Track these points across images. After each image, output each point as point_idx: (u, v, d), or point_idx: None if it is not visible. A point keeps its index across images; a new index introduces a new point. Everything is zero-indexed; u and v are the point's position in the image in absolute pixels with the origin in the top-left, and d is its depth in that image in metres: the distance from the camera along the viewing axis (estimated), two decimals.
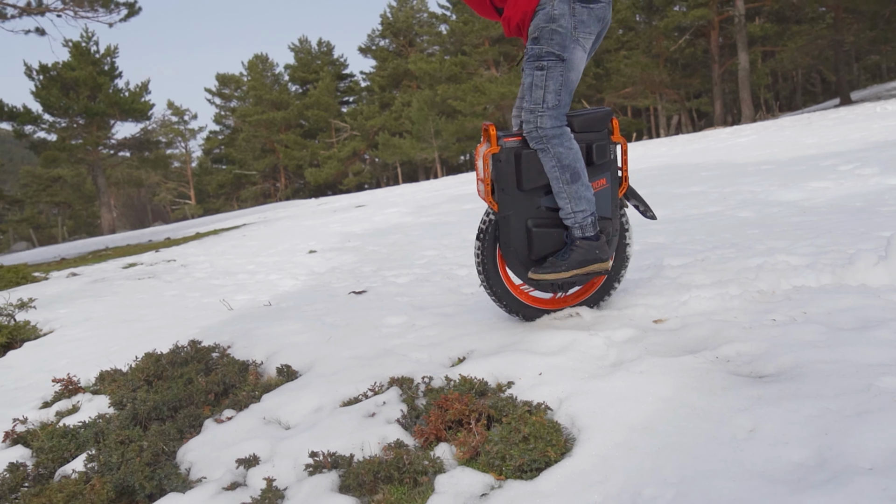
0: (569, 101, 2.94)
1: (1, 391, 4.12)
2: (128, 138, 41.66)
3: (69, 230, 54.50)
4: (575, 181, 2.92)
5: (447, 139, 43.69)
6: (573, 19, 2.84)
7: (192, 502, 2.20)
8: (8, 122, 35.74)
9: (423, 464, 2.08)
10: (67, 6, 19.34)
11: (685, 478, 1.71)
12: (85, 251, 17.31)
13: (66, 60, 37.99)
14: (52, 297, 7.34)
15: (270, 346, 3.59)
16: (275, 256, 8.31)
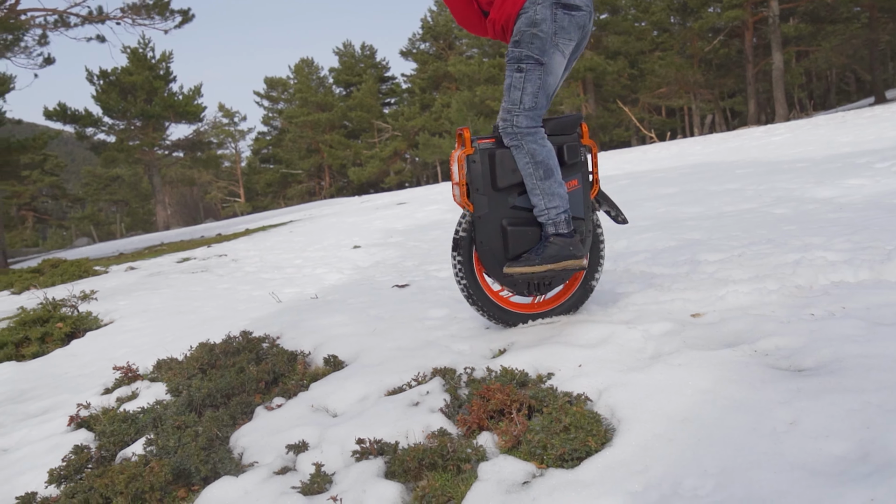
0: (545, 104, 2.99)
1: (66, 378, 4.31)
2: (181, 139, 42.62)
3: (127, 227, 56.12)
4: (548, 177, 2.98)
5: None
6: (554, 25, 2.89)
7: (245, 486, 2.28)
8: (71, 125, 37.01)
9: (467, 452, 2.13)
10: (126, 14, 19.95)
11: (725, 469, 1.72)
12: (141, 246, 17.81)
13: (124, 66, 39.13)
14: (112, 290, 7.60)
15: (317, 338, 3.68)
16: (321, 251, 8.47)
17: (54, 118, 35.91)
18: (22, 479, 2.86)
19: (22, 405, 3.95)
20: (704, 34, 40.64)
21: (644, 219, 6.74)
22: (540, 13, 2.88)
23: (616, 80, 44.53)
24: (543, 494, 1.83)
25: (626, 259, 4.71)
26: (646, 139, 40.97)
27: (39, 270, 10.49)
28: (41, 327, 5.28)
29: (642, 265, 4.41)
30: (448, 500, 1.93)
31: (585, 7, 2.95)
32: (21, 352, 5.12)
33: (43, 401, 3.93)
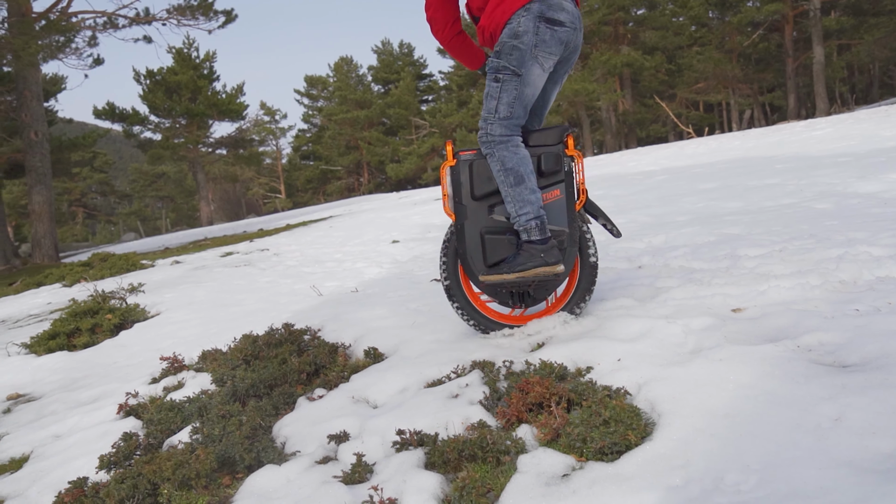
0: (522, 113, 3.02)
1: (115, 367, 4.44)
2: (224, 137, 43.27)
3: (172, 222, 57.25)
4: (518, 184, 2.99)
5: None
6: (535, 37, 2.92)
7: (288, 474, 2.32)
8: (119, 124, 37.89)
9: (506, 444, 2.13)
10: (172, 15, 20.32)
11: (768, 464, 1.70)
12: (186, 241, 18.17)
13: (169, 66, 39.91)
14: (159, 283, 7.78)
15: (358, 330, 3.73)
16: (360, 246, 8.54)
17: (103, 117, 36.82)
18: (74, 464, 2.95)
19: (74, 393, 4.07)
20: (743, 28, 39.93)
21: (682, 214, 6.66)
22: (523, 25, 2.92)
23: (653, 76, 43.91)
24: (583, 487, 1.83)
25: (664, 254, 4.67)
26: (683, 135, 40.34)
27: (89, 264, 10.76)
28: (91, 318, 5.43)
29: (681, 260, 4.36)
30: (487, 491, 1.95)
31: (570, 23, 2.97)
32: (73, 342, 5.27)
33: (93, 389, 4.05)
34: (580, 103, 42.04)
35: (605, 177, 13.55)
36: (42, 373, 4.79)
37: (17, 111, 20.15)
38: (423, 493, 2.00)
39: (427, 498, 1.98)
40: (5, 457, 3.38)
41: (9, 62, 19.84)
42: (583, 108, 43.14)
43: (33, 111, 18.95)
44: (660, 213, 7.00)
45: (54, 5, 19.21)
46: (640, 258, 4.67)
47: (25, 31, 16.61)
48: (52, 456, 3.18)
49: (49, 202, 19.03)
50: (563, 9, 2.94)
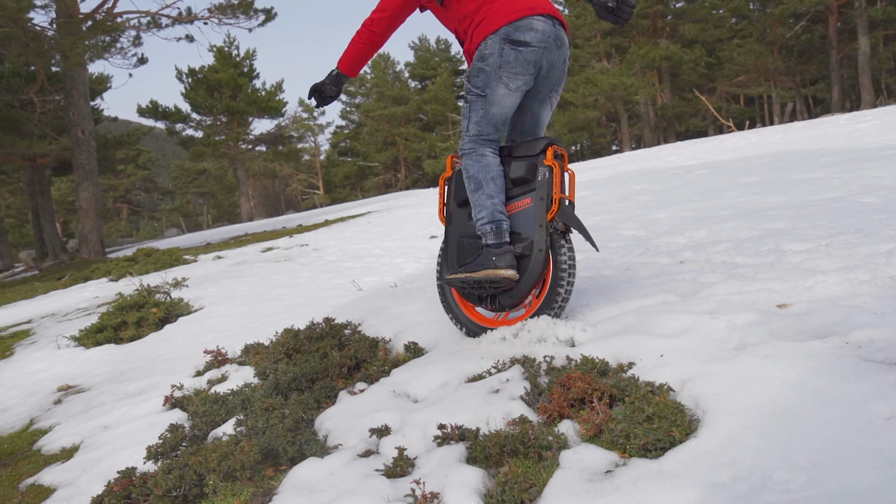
0: (491, 130, 3.16)
1: (160, 360, 4.53)
2: (264, 134, 43.73)
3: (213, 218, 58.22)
4: (477, 190, 3.13)
5: (559, 130, 43.23)
6: (500, 59, 3.00)
7: (331, 467, 2.35)
8: (162, 121, 38.62)
9: (548, 439, 2.13)
10: (213, 14, 20.62)
11: (818, 463, 1.66)
12: (227, 237, 18.44)
13: (211, 64, 40.49)
14: (201, 278, 7.92)
15: (398, 325, 3.74)
16: (398, 241, 8.57)
17: (147, 115, 37.57)
18: (122, 455, 3.03)
19: (121, 385, 4.17)
20: (785, 20, 39.02)
21: (724, 208, 6.55)
22: (489, 48, 3.02)
23: (692, 69, 43.23)
24: (627, 484, 1.81)
25: (706, 249, 4.60)
26: (723, 128, 39.63)
27: (134, 259, 11.01)
28: (137, 312, 5.55)
29: (723, 255, 4.29)
30: (530, 486, 1.94)
31: (538, 43, 3.01)
32: (119, 335, 5.40)
33: (140, 381, 4.15)
34: (618, 98, 41.62)
35: (644, 171, 13.39)
36: (90, 365, 4.91)
37: (65, 110, 20.64)
38: (464, 487, 2.00)
39: (469, 492, 1.98)
40: (56, 446, 3.48)
41: (57, 62, 20.35)
42: (620, 102, 42.70)
43: (80, 110, 19.39)
44: (701, 207, 6.90)
45: (100, 6, 19.63)
46: (681, 253, 4.60)
47: (73, 32, 17.01)
48: (101, 446, 3.27)
49: (96, 199, 19.47)
50: (531, 29, 2.99)
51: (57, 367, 5.03)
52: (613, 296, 3.54)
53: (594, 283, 4.12)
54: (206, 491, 2.42)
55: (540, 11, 3.01)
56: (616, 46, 44.49)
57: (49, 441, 3.58)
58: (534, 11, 2.99)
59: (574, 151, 54.19)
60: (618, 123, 47.54)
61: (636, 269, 4.30)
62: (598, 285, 3.97)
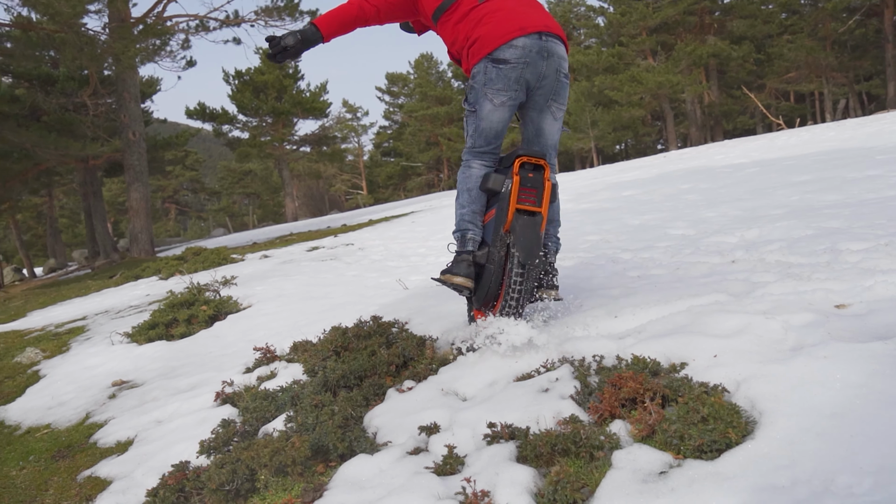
0: (483, 143, 3.36)
1: (210, 357, 4.61)
2: (308, 135, 44.26)
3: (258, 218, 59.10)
4: (456, 199, 3.43)
5: (603, 129, 42.75)
6: (484, 77, 3.20)
7: (380, 464, 2.36)
8: (209, 123, 39.39)
9: (600, 439, 2.10)
10: (260, 17, 20.91)
11: (883, 467, 1.61)
12: (273, 236, 18.69)
13: (256, 66, 41.09)
14: (249, 276, 8.04)
15: (444, 323, 3.75)
16: (443, 241, 8.55)
17: (195, 117, 38.34)
18: (175, 449, 3.09)
19: (173, 381, 4.25)
20: (838, 14, 37.93)
21: (776, 207, 6.40)
22: (477, 68, 3.23)
23: (741, 66, 42.33)
24: (682, 485, 1.78)
25: (759, 248, 4.50)
26: (772, 126, 38.71)
27: (183, 258, 11.23)
28: (187, 310, 5.66)
29: (777, 254, 4.19)
30: (582, 486, 1.92)
31: (516, 59, 3.14)
32: (170, 332, 5.51)
33: (191, 377, 4.22)
34: (664, 96, 41.00)
35: (692, 170, 13.18)
36: (143, 361, 5.02)
37: (117, 112, 21.17)
38: (515, 486, 2.00)
39: (520, 491, 1.97)
40: (112, 440, 3.57)
41: (109, 66, 20.87)
42: (666, 100, 42.06)
43: (132, 112, 19.87)
44: (752, 206, 6.75)
45: (151, 10, 20.08)
46: (732, 252, 4.51)
47: (125, 36, 17.42)
48: (155, 440, 3.34)
49: (146, 199, 19.92)
50: (511, 46, 3.14)
51: (111, 363, 5.15)
52: (664, 295, 3.49)
53: (643, 282, 4.06)
54: (257, 486, 2.45)
55: (530, 30, 3.14)
56: (662, 44, 43.89)
57: (105, 434, 3.66)
58: (524, 32, 3.14)
59: (618, 151, 53.58)
60: (663, 122, 46.82)
61: (686, 269, 4.23)
62: (648, 284, 3.92)
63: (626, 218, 7.70)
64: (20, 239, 39.77)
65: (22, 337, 7.53)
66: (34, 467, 3.46)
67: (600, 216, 8.44)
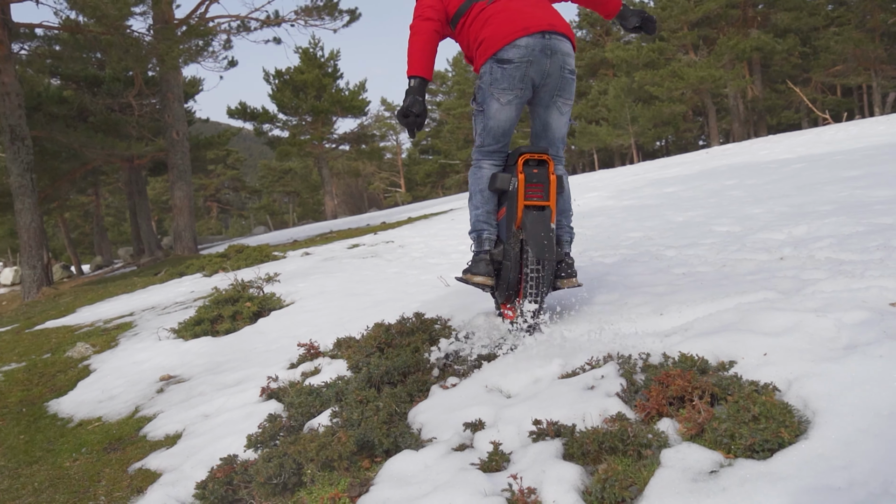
0: (492, 141, 3.49)
1: (255, 353, 4.67)
2: (347, 133, 44.54)
3: (298, 216, 59.71)
4: (468, 201, 3.56)
5: (643, 125, 42.22)
6: (490, 77, 3.33)
7: (426, 460, 2.37)
8: (250, 122, 39.95)
9: (648, 437, 2.08)
10: (300, 16, 21.14)
11: None
12: (313, 234, 18.86)
13: (296, 65, 41.52)
14: (291, 273, 8.13)
15: (486, 320, 3.73)
16: None
17: (236, 116, 38.92)
18: (223, 443, 3.14)
19: (219, 376, 4.33)
20: (887, 5, 36.87)
21: (825, 203, 6.25)
22: (483, 69, 3.36)
23: (785, 60, 41.35)
24: (734, 485, 1.76)
25: (808, 245, 4.40)
26: (818, 121, 37.77)
27: (226, 255, 11.40)
28: (232, 306, 5.75)
29: (827, 251, 4.09)
30: (630, 484, 1.90)
31: (519, 59, 3.25)
32: (216, 328, 5.60)
33: (236, 373, 4.29)
34: (705, 91, 40.32)
35: (735, 166, 12.94)
36: (189, 356, 5.11)
37: (161, 113, 21.61)
38: (562, 483, 1.99)
39: (567, 489, 1.96)
40: (161, 433, 3.64)
41: (153, 67, 21.29)
42: (708, 95, 41.35)
43: (175, 112, 20.25)
44: (799, 202, 6.61)
45: (194, 11, 20.45)
46: (780, 249, 4.42)
47: (169, 37, 17.76)
48: (202, 434, 3.40)
49: (189, 197, 20.29)
50: (514, 46, 3.25)
51: (158, 358, 5.26)
52: (710, 292, 3.44)
53: (688, 279, 4.01)
54: (304, 480, 2.48)
55: (533, 30, 3.24)
56: (704, 38, 43.17)
57: (154, 428, 3.74)
58: (527, 32, 3.24)
59: (658, 147, 52.91)
60: (705, 118, 46.08)
61: (733, 266, 4.16)
62: (693, 281, 3.86)
63: (669, 214, 7.59)
64: (68, 237, 40.84)
65: (72, 332, 7.73)
66: (87, 459, 3.55)
67: (642, 213, 8.34)
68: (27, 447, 3.97)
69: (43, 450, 3.86)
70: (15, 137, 15.32)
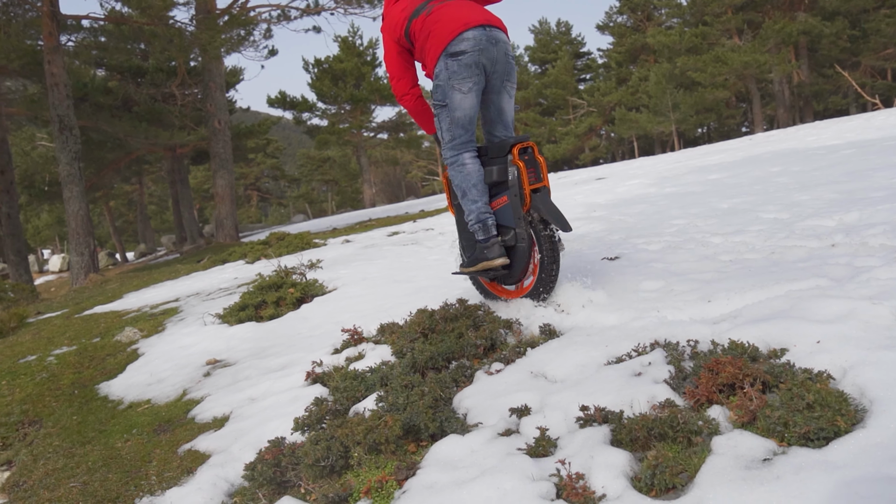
0: (462, 132, 3.72)
1: (298, 338, 4.72)
2: (386, 121, 44.65)
3: (336, 204, 60.16)
4: (463, 197, 3.74)
5: (685, 111, 41.45)
6: (447, 72, 3.60)
7: (472, 445, 2.37)
8: (290, 111, 40.25)
9: (698, 424, 2.06)
10: (339, 5, 21.18)
11: None
12: (352, 222, 18.98)
13: (336, 54, 41.68)
14: (333, 260, 8.20)
15: (529, 307, 3.73)
16: None
17: (276, 105, 39.24)
18: (269, 426, 3.18)
19: (264, 361, 4.39)
20: None
21: (877, 189, 6.08)
22: (438, 67, 3.64)
23: (833, 43, 40.12)
24: (788, 473, 1.73)
25: (860, 232, 4.29)
26: (867, 106, 36.67)
27: (267, 242, 11.53)
28: (275, 292, 5.82)
29: (881, 238, 3.99)
30: (681, 471, 1.89)
31: (472, 48, 3.54)
32: (260, 313, 5.68)
33: (281, 357, 4.34)
34: (750, 76, 39.45)
35: (781, 152, 12.66)
36: (234, 341, 5.19)
37: (203, 102, 21.89)
38: (611, 469, 1.98)
39: (616, 474, 1.95)
40: (209, 416, 3.71)
41: (195, 56, 21.59)
42: (752, 81, 40.45)
43: (217, 102, 20.49)
44: (849, 189, 6.44)
45: (235, 1, 20.64)
46: (831, 236, 4.32)
47: (211, 27, 17.97)
48: (249, 417, 3.45)
49: (231, 186, 20.55)
50: (463, 40, 3.54)
51: (204, 343, 5.34)
52: (759, 279, 3.38)
53: (736, 266, 3.94)
54: (351, 463, 2.50)
55: (473, 24, 3.55)
56: (748, 22, 42.18)
57: (202, 410, 3.81)
58: (467, 27, 3.54)
59: (700, 134, 51.99)
60: (749, 104, 45.11)
61: (782, 253, 4.07)
62: (741, 268, 3.80)
63: (713, 201, 7.46)
64: (113, 225, 41.81)
65: (120, 317, 7.90)
66: (138, 440, 3.64)
67: (686, 200, 8.21)
68: (80, 428, 4.08)
69: (95, 430, 3.97)
70: (63, 127, 15.67)
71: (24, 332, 8.07)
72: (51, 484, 3.29)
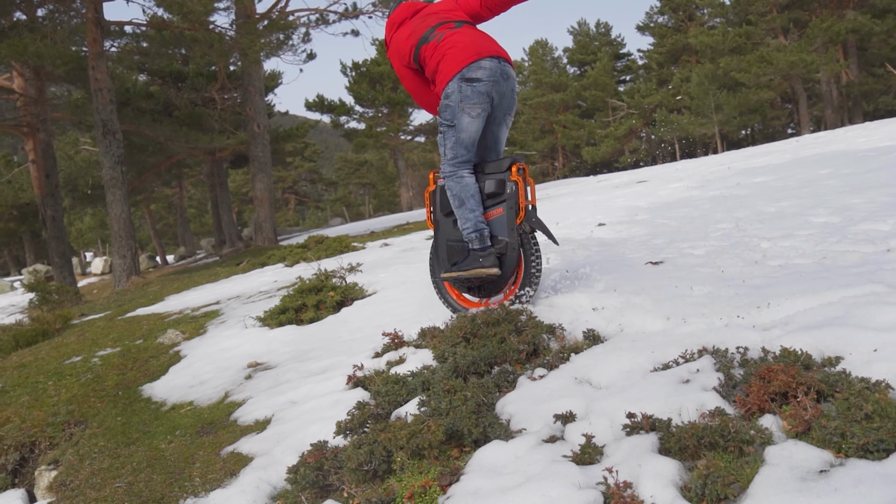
0: (464, 152, 3.92)
1: (339, 341, 4.74)
2: (422, 125, 44.74)
3: (374, 207, 60.54)
4: (460, 206, 3.91)
5: (728, 113, 40.72)
6: (460, 94, 3.78)
7: (516, 451, 2.34)
8: (327, 115, 40.55)
9: (750, 433, 2.01)
10: (377, 8, 21.31)
11: None
12: (389, 225, 19.06)
13: (373, 57, 41.88)
14: (372, 263, 8.22)
15: (572, 312, 3.69)
16: (564, 229, 8.42)
17: (313, 108, 39.56)
18: (311, 429, 3.18)
19: (304, 364, 4.40)
20: None
21: None
22: (450, 88, 3.80)
23: (884, 42, 39.09)
24: (847, 486, 1.67)
25: None
26: None
27: (306, 246, 11.64)
28: (315, 296, 5.85)
29: None
30: (733, 482, 1.84)
31: (487, 78, 3.77)
32: (300, 317, 5.71)
33: (322, 361, 4.35)
34: (796, 76, 38.63)
35: (830, 154, 12.37)
36: (275, 344, 5.22)
37: (242, 106, 22.20)
38: (660, 478, 1.93)
39: (665, 483, 1.91)
40: (251, 418, 3.73)
41: (235, 61, 21.90)
42: (798, 81, 39.60)
43: (256, 105, 20.75)
44: None
45: (274, 5, 20.90)
46: (886, 241, 4.19)
47: (250, 32, 18.22)
48: (291, 420, 3.46)
49: (269, 189, 20.79)
50: (480, 68, 3.75)
51: (245, 346, 5.39)
52: (811, 285, 3.29)
53: (785, 271, 3.85)
54: (393, 467, 2.49)
55: (486, 55, 3.77)
56: (794, 20, 41.33)
57: (244, 413, 3.83)
58: (480, 56, 3.75)
59: (744, 136, 51.10)
60: (794, 104, 44.21)
61: (834, 258, 3.97)
62: (791, 274, 3.71)
63: (759, 205, 7.30)
64: (154, 228, 42.60)
65: (162, 319, 8.02)
66: (181, 441, 3.68)
67: (731, 203, 8.05)
68: (124, 429, 4.14)
69: (139, 431, 4.02)
70: (107, 132, 16.02)
71: (69, 334, 8.25)
72: (97, 484, 3.35)
